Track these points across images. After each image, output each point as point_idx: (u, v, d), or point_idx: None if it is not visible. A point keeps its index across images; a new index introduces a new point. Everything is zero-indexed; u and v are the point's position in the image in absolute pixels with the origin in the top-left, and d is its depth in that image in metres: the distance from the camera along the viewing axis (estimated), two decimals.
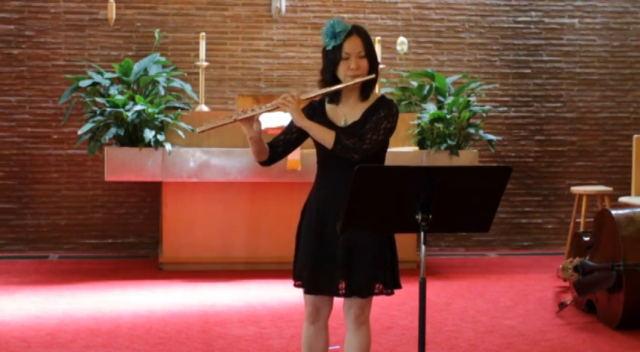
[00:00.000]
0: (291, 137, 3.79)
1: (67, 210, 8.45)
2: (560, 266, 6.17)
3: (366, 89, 3.73)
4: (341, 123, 3.71)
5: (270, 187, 7.58)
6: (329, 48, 3.67)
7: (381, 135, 3.65)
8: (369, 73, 3.70)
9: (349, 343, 3.80)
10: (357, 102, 3.73)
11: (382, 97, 3.78)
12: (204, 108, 7.82)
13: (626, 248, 5.64)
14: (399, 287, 3.78)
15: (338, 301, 3.83)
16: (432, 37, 8.88)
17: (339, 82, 3.68)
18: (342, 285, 3.68)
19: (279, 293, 6.63)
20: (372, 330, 5.54)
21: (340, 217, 3.61)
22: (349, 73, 3.66)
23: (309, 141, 3.84)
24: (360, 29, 3.72)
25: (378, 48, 8.00)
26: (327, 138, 3.61)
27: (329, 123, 3.69)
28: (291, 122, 3.78)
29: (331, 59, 3.67)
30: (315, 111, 3.73)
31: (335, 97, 3.73)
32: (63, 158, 8.43)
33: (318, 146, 3.74)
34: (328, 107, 3.75)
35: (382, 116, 3.68)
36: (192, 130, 7.40)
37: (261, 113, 3.66)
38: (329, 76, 3.69)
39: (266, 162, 3.81)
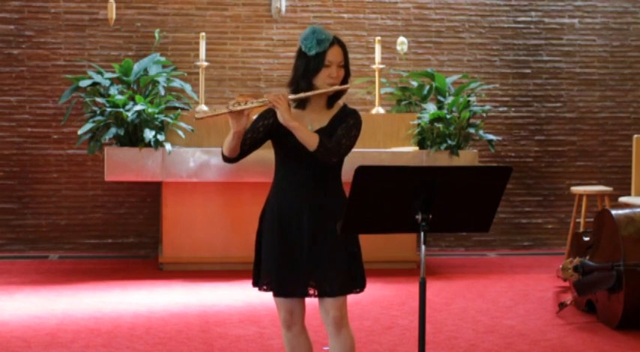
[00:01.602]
0: (257, 136, 3.80)
1: (67, 210, 8.45)
2: (560, 266, 6.17)
3: (334, 97, 3.77)
4: (307, 128, 3.72)
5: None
6: (312, 53, 3.68)
7: (352, 142, 3.71)
8: (343, 83, 3.73)
9: (333, 349, 3.80)
10: (323, 109, 3.77)
11: (345, 106, 3.82)
12: (204, 108, 7.81)
13: (626, 248, 5.64)
14: (363, 285, 3.79)
15: (314, 305, 3.82)
16: (432, 37, 8.88)
17: (313, 88, 3.70)
18: (311, 286, 3.70)
19: None
20: (372, 330, 5.55)
21: (308, 218, 3.66)
22: (329, 81, 3.69)
23: None
24: (340, 40, 3.77)
25: (378, 48, 8.01)
26: (312, 140, 3.63)
27: None
28: (257, 121, 3.79)
29: (313, 66, 3.69)
30: None
31: (302, 103, 3.76)
32: (63, 158, 8.43)
33: (279, 148, 3.78)
34: (294, 112, 3.75)
35: (351, 124, 3.73)
36: (193, 130, 7.40)
37: (252, 107, 3.69)
38: (305, 82, 3.70)
39: (233, 160, 3.81)
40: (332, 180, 3.73)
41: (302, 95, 3.71)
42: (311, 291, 3.71)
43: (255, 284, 3.84)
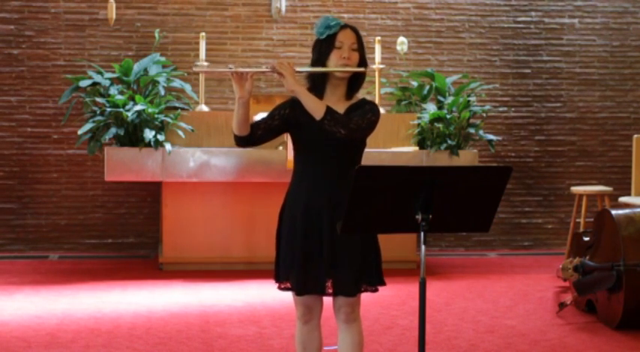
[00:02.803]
0: (272, 123, 3.76)
1: (67, 210, 8.45)
2: (560, 266, 6.17)
3: (352, 88, 3.75)
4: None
5: (270, 187, 7.57)
6: (323, 37, 3.69)
7: (365, 123, 3.65)
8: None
9: (343, 341, 3.81)
10: (341, 99, 3.74)
11: (364, 98, 3.79)
12: (204, 108, 7.82)
13: (626, 248, 5.64)
14: (383, 283, 3.78)
15: (328, 299, 3.82)
16: (432, 37, 8.88)
17: (329, 73, 3.69)
18: (329, 284, 3.69)
19: (279, 293, 6.59)
20: (372, 330, 5.54)
21: (327, 215, 3.64)
22: (341, 62, 3.67)
23: None
24: (354, 26, 3.78)
25: (378, 48, 8.01)
26: (319, 107, 3.59)
27: (312, 118, 3.66)
28: (274, 110, 3.78)
29: (324, 50, 3.69)
30: (299, 104, 3.72)
31: (320, 92, 3.73)
32: (63, 158, 8.43)
33: (299, 145, 3.75)
34: None
35: (367, 109, 3.70)
36: (193, 130, 7.40)
37: (257, 71, 3.70)
38: (319, 66, 3.71)
39: (243, 140, 3.75)
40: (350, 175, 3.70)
41: (310, 69, 3.70)
42: (330, 290, 3.70)
43: (277, 281, 3.82)
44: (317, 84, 3.73)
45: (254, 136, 3.76)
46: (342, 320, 3.78)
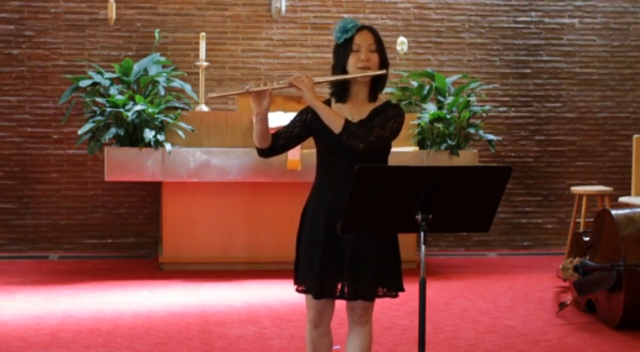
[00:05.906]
0: (293, 131, 3.76)
1: (67, 210, 8.45)
2: (560, 266, 6.17)
3: (375, 89, 3.73)
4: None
5: (270, 187, 7.58)
6: (340, 41, 3.67)
7: (387, 133, 3.63)
8: (380, 69, 3.69)
9: (352, 342, 3.81)
10: (364, 102, 3.72)
11: (389, 101, 3.77)
12: (204, 108, 7.81)
13: (626, 248, 5.64)
14: (402, 289, 3.77)
15: (340, 302, 3.82)
16: (432, 37, 8.88)
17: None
18: (347, 288, 3.67)
19: (279, 293, 6.63)
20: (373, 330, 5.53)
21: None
22: (359, 65, 3.65)
23: (309, 141, 3.84)
24: (371, 27, 3.75)
25: None
26: (337, 121, 3.58)
27: None
28: (295, 117, 3.78)
29: (342, 54, 3.68)
30: None
31: (343, 96, 3.71)
32: (63, 158, 8.43)
33: (322, 149, 3.73)
34: (335, 106, 3.73)
35: (390, 115, 3.67)
36: (193, 130, 7.39)
37: (273, 88, 3.65)
38: (339, 71, 3.69)
39: (266, 152, 3.76)
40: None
41: (330, 78, 3.69)
42: (346, 294, 3.69)
43: (295, 283, 3.79)
44: (339, 88, 3.71)
45: (275, 146, 3.76)
46: (354, 322, 3.79)
